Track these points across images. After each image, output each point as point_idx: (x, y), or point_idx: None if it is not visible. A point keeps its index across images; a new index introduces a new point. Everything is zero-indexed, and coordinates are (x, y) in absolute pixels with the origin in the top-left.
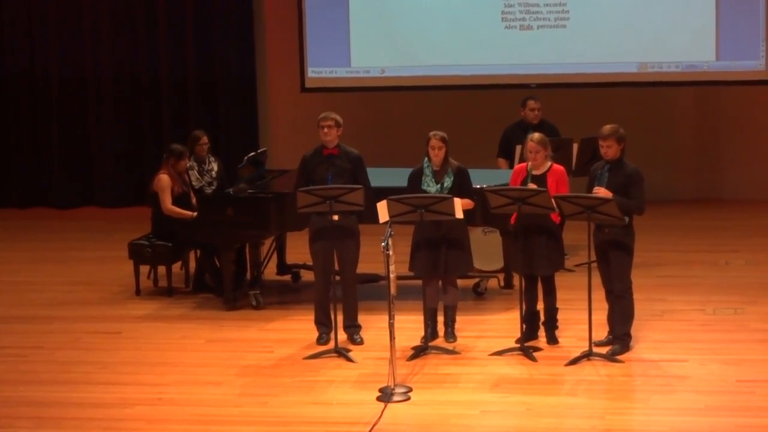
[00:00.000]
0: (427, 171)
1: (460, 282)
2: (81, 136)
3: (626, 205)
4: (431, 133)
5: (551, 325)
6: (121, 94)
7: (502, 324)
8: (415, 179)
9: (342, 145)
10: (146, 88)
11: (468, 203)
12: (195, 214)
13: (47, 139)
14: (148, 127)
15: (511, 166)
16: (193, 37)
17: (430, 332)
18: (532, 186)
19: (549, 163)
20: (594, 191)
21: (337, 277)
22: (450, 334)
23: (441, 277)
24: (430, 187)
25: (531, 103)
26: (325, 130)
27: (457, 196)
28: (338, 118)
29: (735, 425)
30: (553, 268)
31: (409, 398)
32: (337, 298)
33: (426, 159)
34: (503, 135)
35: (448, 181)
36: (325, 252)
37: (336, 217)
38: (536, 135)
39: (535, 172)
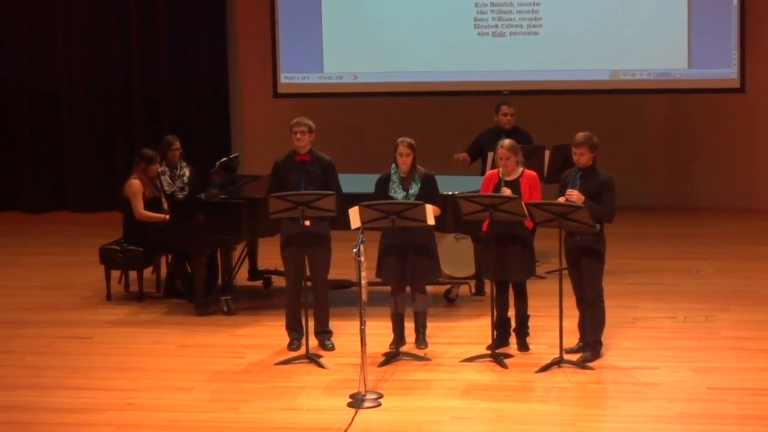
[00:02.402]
0: (394, 177)
1: (430, 288)
2: (53, 140)
3: (597, 210)
4: (399, 140)
5: (522, 331)
6: (93, 99)
7: (473, 330)
8: (382, 186)
9: (314, 151)
10: (119, 94)
11: (435, 210)
12: (168, 216)
13: (19, 143)
14: (120, 132)
15: (482, 172)
16: (165, 42)
17: (398, 338)
18: (506, 190)
19: (521, 169)
20: (567, 192)
21: (309, 283)
22: (421, 341)
23: (408, 283)
24: (397, 193)
25: (504, 108)
26: (298, 135)
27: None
28: (311, 123)
29: None
30: (527, 275)
31: (380, 404)
32: (309, 304)
33: (393, 165)
34: (477, 137)
35: (414, 188)
36: (296, 258)
37: (308, 223)
38: (506, 141)
39: (507, 178)
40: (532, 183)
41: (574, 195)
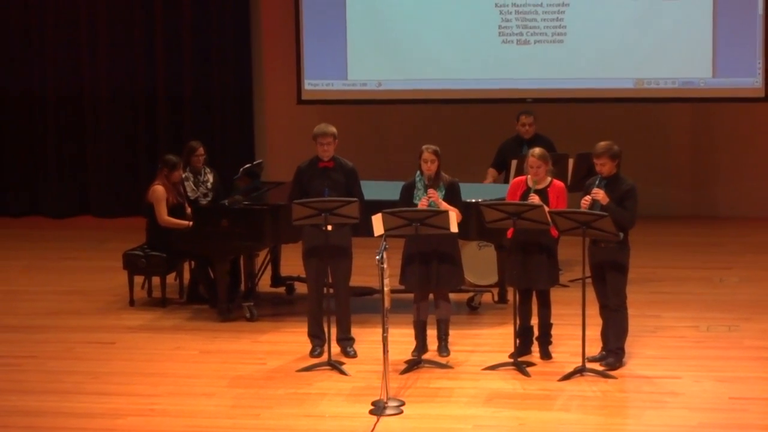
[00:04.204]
0: (419, 185)
1: (453, 296)
2: (77, 145)
3: (619, 213)
4: (424, 147)
5: (545, 340)
6: (117, 105)
7: (496, 338)
8: (407, 192)
9: (337, 158)
10: (143, 100)
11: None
12: (191, 223)
13: (43, 148)
14: (144, 137)
15: (506, 180)
16: (190, 48)
17: (421, 346)
18: (534, 197)
19: (549, 179)
20: (593, 192)
21: (331, 290)
22: (443, 348)
23: (432, 290)
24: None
25: (522, 118)
26: (325, 147)
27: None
28: (335, 131)
29: None
30: (551, 283)
31: (401, 412)
32: (331, 311)
33: (418, 172)
34: (499, 148)
35: (439, 195)
36: (318, 269)
37: (330, 227)
38: (537, 150)
39: (536, 187)
40: (559, 193)
41: (600, 194)
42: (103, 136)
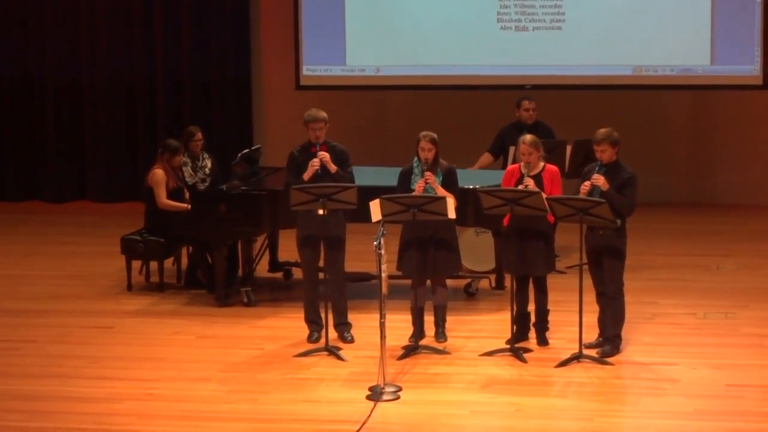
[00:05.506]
0: (417, 171)
1: (450, 282)
2: (75, 130)
3: (618, 200)
4: (421, 134)
5: (542, 326)
6: (116, 91)
7: (493, 325)
8: (405, 179)
9: (329, 141)
10: (141, 85)
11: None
12: (190, 206)
13: (42, 134)
14: (142, 122)
15: (504, 167)
16: (188, 33)
17: (418, 331)
18: (528, 181)
19: (542, 164)
20: (594, 177)
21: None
22: (440, 334)
23: (429, 276)
24: None
25: (525, 104)
26: (317, 132)
27: None
28: (325, 116)
29: (724, 429)
30: (548, 269)
31: (398, 397)
32: (328, 297)
33: (416, 158)
34: (498, 134)
35: (437, 181)
36: (312, 253)
37: (324, 211)
38: (528, 137)
39: (530, 173)
40: (553, 177)
41: (601, 180)
42: (101, 121)
